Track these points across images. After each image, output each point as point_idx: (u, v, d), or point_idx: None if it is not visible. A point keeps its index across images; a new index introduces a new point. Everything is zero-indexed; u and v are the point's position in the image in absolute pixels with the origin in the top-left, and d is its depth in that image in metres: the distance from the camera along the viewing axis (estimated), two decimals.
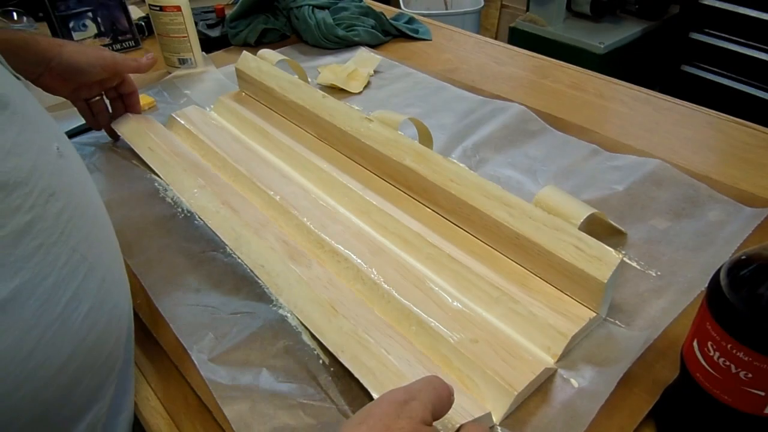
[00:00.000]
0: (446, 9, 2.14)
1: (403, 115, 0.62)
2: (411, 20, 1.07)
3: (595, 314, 0.44)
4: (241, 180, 0.62)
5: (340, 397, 0.41)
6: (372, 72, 0.88)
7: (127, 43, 1.05)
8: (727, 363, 0.31)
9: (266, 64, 0.76)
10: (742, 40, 1.62)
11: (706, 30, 1.69)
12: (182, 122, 0.72)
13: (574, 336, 0.42)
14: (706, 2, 1.64)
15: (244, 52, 0.80)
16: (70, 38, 0.98)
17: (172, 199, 0.62)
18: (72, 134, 0.76)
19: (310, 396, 0.41)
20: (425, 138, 0.65)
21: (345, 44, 0.98)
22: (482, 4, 2.06)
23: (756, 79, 1.62)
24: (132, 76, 0.73)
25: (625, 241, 0.53)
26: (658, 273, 0.50)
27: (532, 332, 0.43)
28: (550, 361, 0.42)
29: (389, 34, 1.02)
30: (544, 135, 0.71)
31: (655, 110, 0.77)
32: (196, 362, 0.43)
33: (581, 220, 0.45)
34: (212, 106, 0.80)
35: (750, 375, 0.30)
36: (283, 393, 0.41)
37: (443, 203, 0.54)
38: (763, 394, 0.31)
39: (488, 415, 0.38)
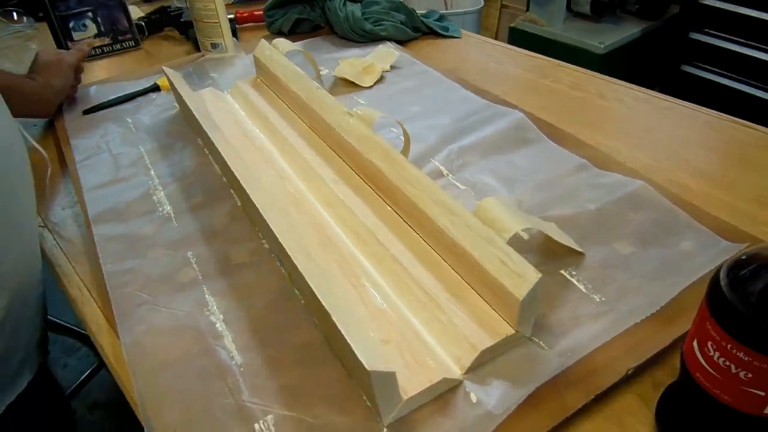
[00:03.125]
0: (446, 9, 2.14)
1: (381, 113, 0.63)
2: (441, 18, 1.07)
3: (513, 332, 0.43)
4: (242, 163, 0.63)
5: (246, 393, 0.42)
6: (388, 67, 0.89)
7: (127, 43, 1.05)
8: (727, 363, 0.31)
9: (278, 53, 0.78)
10: (742, 40, 1.62)
11: (706, 30, 1.69)
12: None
13: (485, 350, 0.41)
14: (706, 2, 1.64)
15: (262, 40, 0.83)
16: (71, 38, 0.98)
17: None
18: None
19: (218, 393, 0.42)
20: (405, 139, 0.65)
21: (371, 38, 0.99)
22: (482, 4, 2.05)
23: (756, 79, 1.62)
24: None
25: (580, 261, 0.51)
26: (603, 298, 0.47)
27: (448, 341, 0.43)
28: (456, 372, 0.41)
29: (419, 31, 1.03)
30: (537, 145, 0.68)
31: (655, 110, 0.77)
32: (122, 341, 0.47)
33: (511, 234, 0.44)
34: (229, 90, 0.84)
35: (750, 375, 0.30)
36: (196, 389, 0.43)
37: (401, 204, 0.54)
38: (763, 394, 0.31)
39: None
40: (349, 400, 0.40)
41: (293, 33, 1.07)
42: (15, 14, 1.16)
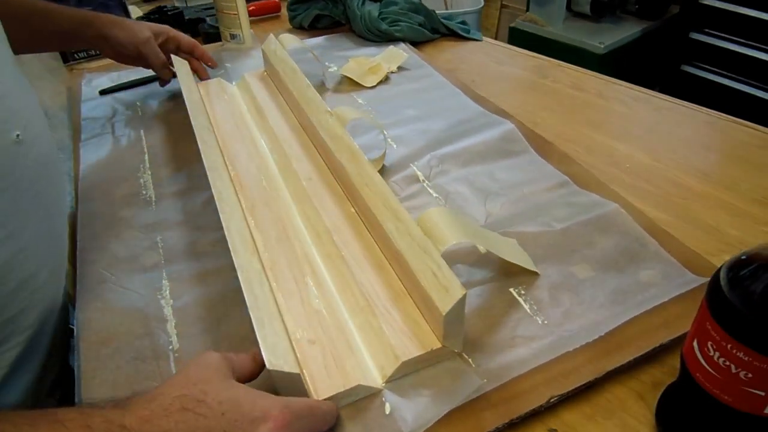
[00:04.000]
0: (446, 9, 2.14)
1: (359, 114, 0.64)
2: (464, 22, 1.08)
3: (440, 345, 0.42)
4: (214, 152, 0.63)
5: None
6: (395, 68, 0.89)
7: None
8: (727, 363, 0.31)
9: (281, 48, 0.79)
10: (742, 40, 1.62)
11: (706, 30, 1.70)
12: (201, 92, 0.78)
13: (407, 361, 0.41)
14: (706, 2, 1.65)
15: (270, 34, 0.83)
16: None
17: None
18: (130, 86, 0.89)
19: (148, 375, 0.44)
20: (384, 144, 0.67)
21: (386, 38, 0.99)
22: (482, 4, 2.05)
23: (756, 79, 1.62)
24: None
25: (532, 281, 0.49)
26: (545, 321, 0.45)
27: (376, 348, 0.43)
28: (377, 380, 0.41)
29: (437, 32, 1.03)
30: (521, 158, 0.66)
31: (655, 110, 0.77)
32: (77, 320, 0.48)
33: (447, 246, 0.44)
34: (237, 82, 0.85)
35: (750, 375, 0.30)
36: (128, 370, 0.44)
37: (360, 206, 0.54)
38: (763, 394, 0.31)
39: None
40: None
41: (314, 28, 1.08)
42: None
